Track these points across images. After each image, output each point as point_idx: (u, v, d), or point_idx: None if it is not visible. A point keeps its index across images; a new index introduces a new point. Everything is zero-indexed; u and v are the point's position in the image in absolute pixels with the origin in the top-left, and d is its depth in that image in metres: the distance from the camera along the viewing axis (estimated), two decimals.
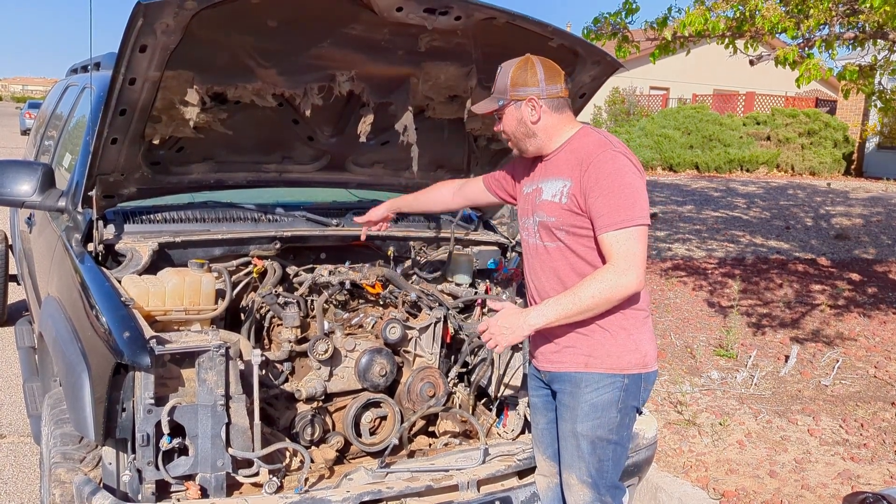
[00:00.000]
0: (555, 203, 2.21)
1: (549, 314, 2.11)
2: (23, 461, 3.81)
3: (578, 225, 2.18)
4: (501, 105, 2.27)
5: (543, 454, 2.48)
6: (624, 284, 2.07)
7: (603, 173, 2.11)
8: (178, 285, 2.52)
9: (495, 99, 2.28)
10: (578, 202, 2.16)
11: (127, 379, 2.13)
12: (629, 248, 2.08)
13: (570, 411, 2.25)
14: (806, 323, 6.54)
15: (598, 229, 2.12)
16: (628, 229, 2.08)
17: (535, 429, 2.51)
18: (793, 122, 19.32)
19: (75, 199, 2.95)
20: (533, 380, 2.48)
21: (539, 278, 2.32)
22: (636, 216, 2.09)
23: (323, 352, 2.78)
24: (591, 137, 2.24)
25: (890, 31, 5.70)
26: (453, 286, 3.39)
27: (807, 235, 10.48)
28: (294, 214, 3.19)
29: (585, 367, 2.22)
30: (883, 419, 4.53)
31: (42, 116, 5.47)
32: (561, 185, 2.21)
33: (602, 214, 2.10)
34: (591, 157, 2.15)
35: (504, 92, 2.25)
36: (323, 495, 2.28)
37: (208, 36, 2.40)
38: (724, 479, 3.76)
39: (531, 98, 2.22)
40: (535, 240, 2.32)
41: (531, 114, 2.24)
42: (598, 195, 2.11)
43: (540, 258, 2.30)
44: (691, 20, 5.93)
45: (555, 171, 2.26)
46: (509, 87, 2.23)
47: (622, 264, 2.07)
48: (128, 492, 2.19)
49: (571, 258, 2.22)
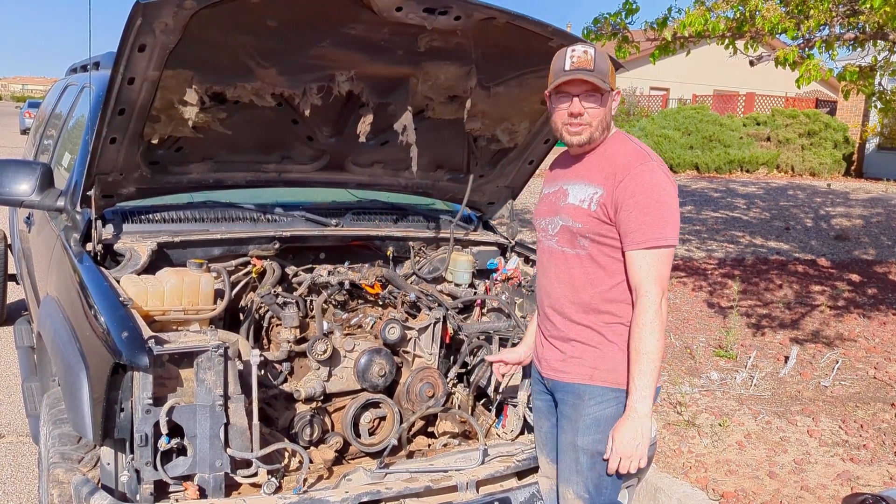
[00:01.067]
0: (582, 209, 2.13)
1: (646, 392, 2.02)
2: (21, 461, 3.80)
3: (604, 234, 2.10)
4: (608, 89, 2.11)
5: (547, 457, 2.44)
6: (664, 312, 2.05)
7: (639, 187, 2.04)
8: (177, 285, 2.52)
9: (600, 79, 2.07)
10: (608, 212, 2.08)
11: (125, 379, 2.13)
12: (658, 270, 2.03)
13: (571, 424, 2.19)
14: (806, 324, 6.54)
15: (626, 245, 2.06)
16: (657, 250, 2.03)
17: (538, 432, 2.47)
18: (793, 122, 19.32)
19: (74, 199, 2.95)
20: (536, 384, 2.43)
21: (551, 282, 2.25)
22: (667, 236, 2.03)
23: (322, 352, 2.77)
24: (627, 146, 2.15)
25: (890, 32, 5.70)
26: (452, 286, 3.39)
27: (807, 236, 10.48)
28: (293, 214, 3.19)
29: (590, 379, 2.16)
30: (882, 420, 4.52)
31: (41, 116, 5.46)
32: (591, 191, 2.12)
33: (632, 231, 2.04)
34: (627, 169, 2.07)
35: (607, 76, 2.09)
36: (322, 496, 2.27)
37: (207, 35, 2.40)
38: (723, 480, 3.76)
39: (618, 91, 2.18)
40: (552, 243, 2.23)
41: (615, 106, 2.17)
42: (630, 210, 2.04)
43: (556, 262, 2.22)
44: (691, 21, 5.93)
45: (585, 174, 2.17)
46: (609, 75, 2.11)
47: (655, 291, 2.03)
48: (126, 492, 2.19)
49: (590, 267, 2.14)
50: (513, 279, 3.38)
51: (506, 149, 3.39)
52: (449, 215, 3.62)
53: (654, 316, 2.02)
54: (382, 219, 3.43)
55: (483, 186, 3.56)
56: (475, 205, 3.69)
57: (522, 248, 3.53)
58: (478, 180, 3.49)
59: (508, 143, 3.34)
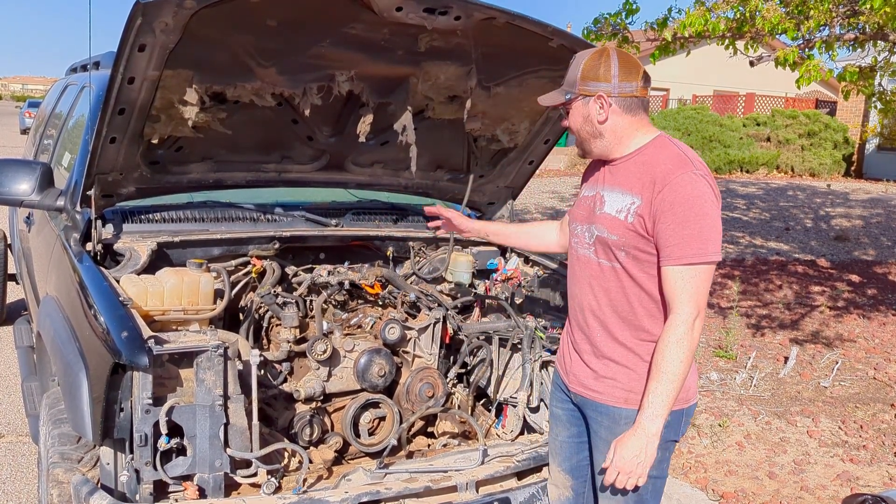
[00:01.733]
0: (618, 220, 2.00)
1: (659, 411, 1.91)
2: (21, 461, 3.80)
3: (642, 248, 1.97)
4: (569, 99, 2.04)
5: (560, 466, 2.33)
6: (696, 333, 1.91)
7: (679, 198, 1.89)
8: (177, 285, 2.52)
9: (563, 91, 2.05)
10: (646, 224, 1.94)
11: (125, 379, 2.13)
12: (696, 287, 1.90)
13: (607, 446, 2.06)
14: (805, 324, 6.54)
15: (662, 259, 1.93)
16: (697, 266, 1.89)
17: (553, 440, 2.36)
18: (793, 123, 19.32)
19: (74, 199, 2.95)
20: (558, 391, 2.31)
21: (585, 294, 2.12)
22: (708, 251, 1.89)
23: (322, 352, 2.77)
24: (668, 151, 2.00)
25: (890, 33, 5.70)
26: (452, 286, 3.38)
27: (806, 237, 10.48)
28: (293, 214, 3.19)
29: (625, 402, 2.04)
30: (882, 421, 4.52)
31: (41, 115, 5.47)
32: (629, 201, 1.98)
33: (671, 245, 1.90)
34: (667, 177, 1.92)
35: (573, 85, 2.02)
36: (321, 496, 2.27)
37: (207, 35, 2.39)
38: (723, 481, 3.76)
39: (601, 95, 1.99)
40: (587, 251, 2.11)
41: (599, 113, 2.01)
42: (669, 222, 1.90)
43: (590, 272, 2.10)
44: (691, 21, 5.93)
45: (623, 182, 2.03)
46: (579, 79, 2.00)
47: (688, 310, 1.90)
48: (125, 492, 2.19)
49: (626, 282, 2.02)
50: (513, 279, 3.38)
51: (506, 149, 3.39)
52: None
53: (683, 335, 1.89)
54: (382, 219, 3.43)
55: (483, 186, 3.56)
56: (475, 205, 3.69)
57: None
58: (478, 180, 3.49)
59: (508, 144, 3.34)
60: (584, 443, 2.26)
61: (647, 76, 2.02)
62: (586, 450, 2.26)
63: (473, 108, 3.03)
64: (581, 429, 2.25)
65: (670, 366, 1.90)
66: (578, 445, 2.27)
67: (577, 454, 2.28)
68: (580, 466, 2.29)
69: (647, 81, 2.03)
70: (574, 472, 2.30)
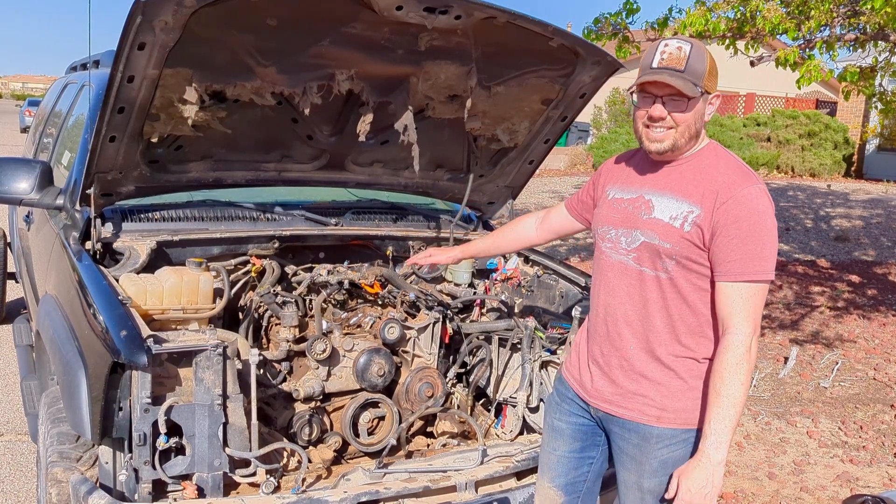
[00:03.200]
0: (674, 228, 1.89)
1: (723, 438, 1.80)
2: (20, 459, 3.80)
3: (695, 259, 1.88)
4: (700, 92, 1.87)
5: (551, 482, 2.22)
6: (754, 354, 1.83)
7: (744, 213, 1.82)
8: (176, 284, 2.51)
9: (689, 82, 1.85)
10: (703, 236, 1.85)
11: (124, 378, 2.12)
12: (754, 306, 1.82)
13: (636, 464, 2.00)
14: (805, 324, 6.53)
15: (720, 275, 1.84)
16: (756, 284, 1.82)
17: (549, 454, 2.23)
18: (793, 123, 19.31)
19: (73, 197, 2.95)
20: (566, 403, 2.18)
21: (618, 302, 2.01)
22: (767, 269, 1.82)
23: (321, 351, 2.77)
24: (725, 160, 1.92)
25: (891, 33, 5.69)
26: (452, 286, 3.38)
27: (806, 237, 10.48)
28: (293, 213, 3.18)
29: (658, 421, 1.95)
30: (882, 421, 4.52)
31: (41, 114, 5.47)
32: (686, 209, 1.88)
33: (731, 260, 1.82)
34: (731, 189, 1.84)
35: (700, 78, 1.86)
36: (320, 496, 2.27)
37: (207, 34, 2.39)
38: (722, 481, 3.76)
39: (718, 94, 1.94)
40: (627, 259, 1.98)
41: (709, 112, 1.93)
42: (732, 237, 1.82)
43: (628, 281, 1.98)
44: (692, 21, 5.92)
45: (676, 187, 1.93)
46: (706, 75, 1.88)
47: (746, 329, 1.82)
48: (124, 491, 2.18)
49: (670, 294, 1.92)
50: (512, 279, 3.38)
51: (506, 148, 3.39)
52: (449, 215, 3.62)
53: (743, 357, 1.80)
54: (382, 218, 3.43)
55: (483, 186, 3.56)
56: (475, 204, 3.68)
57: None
58: (478, 180, 3.49)
59: (509, 143, 3.33)
60: (584, 459, 2.18)
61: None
62: (585, 466, 2.19)
63: (473, 107, 3.03)
64: (585, 444, 2.16)
65: (731, 389, 1.80)
66: (579, 461, 2.19)
67: (575, 470, 2.19)
68: (575, 483, 2.20)
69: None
70: (567, 489, 2.21)
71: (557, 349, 2.90)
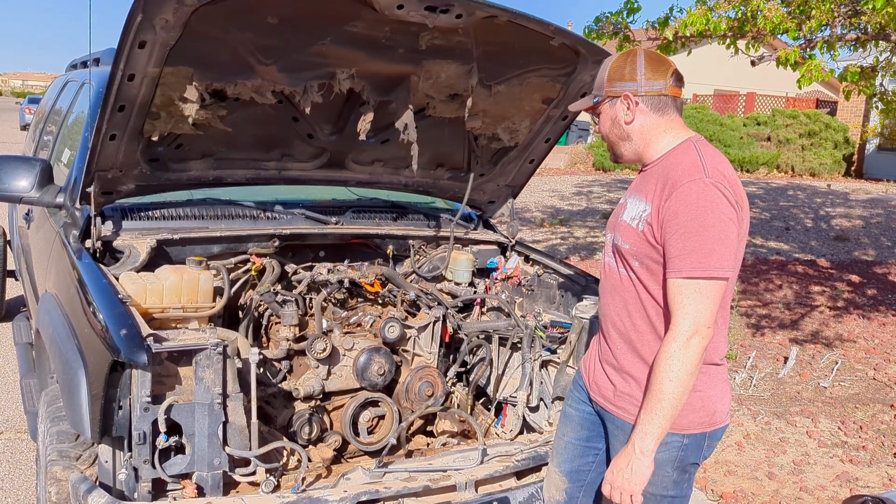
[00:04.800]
0: (631, 228, 1.93)
1: (647, 429, 1.80)
2: (19, 458, 3.79)
3: (654, 258, 1.88)
4: (596, 102, 1.99)
5: (558, 467, 2.26)
6: (692, 352, 1.77)
7: (684, 206, 1.79)
8: (176, 283, 2.51)
9: (591, 96, 2.02)
10: (654, 233, 1.86)
11: (124, 377, 2.12)
12: (695, 303, 1.77)
13: None
14: (805, 324, 6.53)
15: (666, 271, 1.83)
16: (698, 281, 1.77)
17: (559, 439, 2.28)
18: (793, 123, 19.31)
19: (73, 196, 2.94)
20: (577, 391, 2.23)
21: (607, 302, 2.06)
22: (711, 266, 1.76)
23: (321, 350, 2.77)
24: (687, 157, 1.89)
25: (892, 33, 5.69)
26: (452, 285, 3.38)
27: (806, 237, 10.47)
28: (293, 212, 3.18)
29: None
30: (882, 421, 4.52)
31: (41, 112, 5.46)
32: (641, 208, 1.91)
33: (673, 256, 1.80)
34: (677, 183, 1.82)
35: (600, 87, 1.97)
36: (320, 495, 2.27)
37: (208, 32, 2.39)
38: (722, 481, 3.76)
39: (627, 94, 1.94)
40: (610, 259, 2.05)
41: (626, 113, 1.95)
42: (673, 231, 1.80)
43: (611, 280, 2.04)
44: (693, 20, 5.92)
45: (642, 188, 1.96)
46: (606, 82, 1.96)
47: (684, 326, 1.77)
48: (124, 490, 2.18)
49: (643, 294, 1.93)
50: (512, 278, 3.38)
51: (506, 147, 3.39)
52: (449, 214, 3.61)
53: (674, 352, 1.77)
54: (382, 217, 3.42)
55: (483, 185, 3.56)
56: (475, 203, 3.68)
57: (522, 247, 3.52)
58: (478, 179, 3.49)
59: (509, 142, 3.33)
60: (590, 448, 2.21)
61: (678, 75, 1.96)
62: (590, 456, 2.21)
63: (474, 106, 3.02)
64: (592, 434, 2.19)
65: (659, 383, 1.79)
66: (584, 449, 2.22)
67: (579, 458, 2.23)
68: (579, 471, 2.23)
69: (678, 80, 1.96)
70: (571, 476, 2.25)
71: (557, 349, 2.90)
